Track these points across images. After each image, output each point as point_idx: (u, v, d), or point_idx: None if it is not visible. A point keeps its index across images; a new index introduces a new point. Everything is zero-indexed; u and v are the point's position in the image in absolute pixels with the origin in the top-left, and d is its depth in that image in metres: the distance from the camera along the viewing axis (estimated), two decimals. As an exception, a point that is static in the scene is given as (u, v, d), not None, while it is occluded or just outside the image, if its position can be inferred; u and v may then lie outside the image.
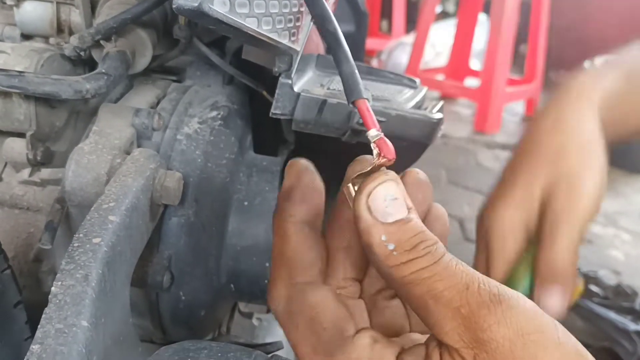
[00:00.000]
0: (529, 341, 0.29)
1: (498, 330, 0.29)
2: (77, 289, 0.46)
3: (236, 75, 0.76)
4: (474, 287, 0.30)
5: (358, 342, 0.32)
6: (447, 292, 0.30)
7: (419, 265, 0.31)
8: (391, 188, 0.33)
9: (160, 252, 0.66)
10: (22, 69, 0.63)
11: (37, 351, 0.42)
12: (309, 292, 0.34)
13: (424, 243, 0.32)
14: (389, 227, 0.32)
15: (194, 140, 0.67)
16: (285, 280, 0.35)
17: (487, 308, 0.30)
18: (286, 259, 0.36)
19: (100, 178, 0.60)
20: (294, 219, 0.36)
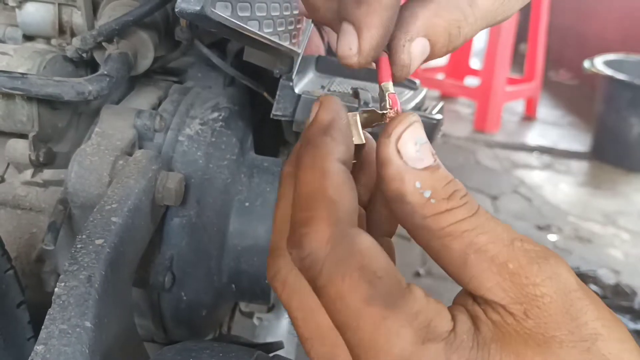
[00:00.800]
0: (576, 297, 0.28)
1: (551, 285, 0.28)
2: (81, 290, 0.47)
3: (237, 77, 0.77)
4: (518, 243, 0.29)
5: (416, 293, 0.29)
6: (491, 246, 0.29)
7: (459, 216, 0.29)
8: (420, 131, 0.31)
9: (162, 253, 0.67)
10: (24, 71, 0.64)
11: (41, 351, 0.43)
12: (358, 237, 0.29)
13: (459, 192, 0.30)
14: (422, 174, 0.30)
15: (195, 141, 0.68)
16: (328, 221, 0.29)
17: (538, 264, 0.28)
18: (327, 197, 0.30)
19: (103, 179, 0.61)
20: (335, 157, 0.31)
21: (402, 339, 0.27)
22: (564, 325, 0.28)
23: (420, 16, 0.34)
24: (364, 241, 0.29)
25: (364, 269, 0.28)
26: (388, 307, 0.28)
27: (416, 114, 0.32)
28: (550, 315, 0.28)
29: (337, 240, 0.29)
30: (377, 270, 0.28)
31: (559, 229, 2.45)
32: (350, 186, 0.31)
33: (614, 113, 3.11)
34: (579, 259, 2.20)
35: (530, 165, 3.14)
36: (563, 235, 2.41)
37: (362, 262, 0.29)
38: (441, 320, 0.28)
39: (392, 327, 0.28)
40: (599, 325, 0.28)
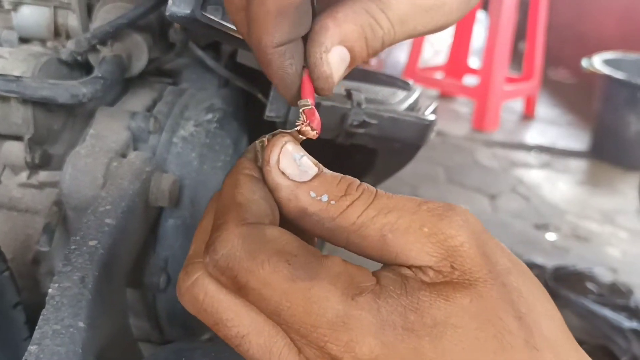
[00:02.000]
0: (487, 237, 0.31)
1: (465, 232, 0.30)
2: (74, 291, 0.47)
3: (231, 79, 0.77)
4: (424, 206, 0.31)
5: (334, 259, 0.31)
6: (402, 220, 0.31)
7: (362, 205, 0.31)
8: (296, 147, 0.33)
9: (156, 254, 0.67)
10: (19, 74, 0.64)
11: (34, 351, 0.43)
12: (267, 229, 0.31)
13: (353, 185, 0.32)
14: (312, 184, 0.32)
15: (189, 143, 0.68)
16: (236, 221, 0.31)
17: (448, 217, 0.31)
18: (236, 203, 0.32)
19: (97, 181, 0.61)
20: (246, 171, 0.34)
21: (332, 301, 0.29)
22: (484, 265, 0.30)
23: (330, 25, 0.34)
24: (274, 231, 0.31)
25: (279, 252, 0.30)
26: (311, 278, 0.29)
27: (286, 132, 0.33)
28: (472, 259, 0.30)
29: (247, 235, 0.30)
30: (292, 250, 0.30)
31: (557, 228, 2.45)
32: (260, 193, 0.33)
33: (612, 111, 3.11)
34: (577, 257, 2.21)
35: (528, 164, 3.14)
36: (561, 233, 2.41)
37: (276, 247, 0.30)
38: (362, 277, 0.30)
39: (320, 293, 0.29)
40: (506, 261, 0.31)
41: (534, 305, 0.30)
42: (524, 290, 0.30)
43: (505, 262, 0.31)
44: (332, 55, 0.35)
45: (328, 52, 0.35)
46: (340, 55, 0.35)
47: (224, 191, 0.33)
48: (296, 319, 0.29)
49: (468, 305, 0.29)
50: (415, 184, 2.66)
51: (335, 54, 0.35)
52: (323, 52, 0.35)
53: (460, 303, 0.29)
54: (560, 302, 1.76)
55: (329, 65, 0.35)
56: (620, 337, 1.61)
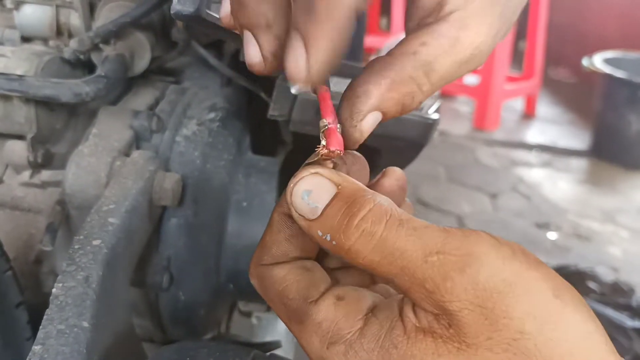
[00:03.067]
0: (499, 299, 0.28)
1: (467, 298, 0.28)
2: (78, 290, 0.47)
3: (234, 78, 0.77)
4: (433, 257, 0.29)
5: (321, 305, 0.33)
6: (406, 271, 0.30)
7: (364, 249, 0.30)
8: (304, 183, 0.32)
9: (159, 253, 0.67)
10: (22, 73, 0.64)
11: (39, 351, 0.43)
12: (275, 269, 0.35)
13: (354, 217, 0.31)
14: (319, 222, 0.32)
15: (192, 141, 0.68)
16: (255, 261, 0.36)
17: (452, 280, 0.29)
18: (262, 243, 0.36)
19: (100, 180, 0.61)
20: (281, 209, 0.35)
21: (312, 345, 0.32)
22: (482, 332, 0.28)
23: (373, 94, 0.34)
24: (280, 271, 0.35)
25: (279, 294, 0.34)
26: (300, 322, 0.33)
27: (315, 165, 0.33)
28: (470, 325, 0.29)
29: (260, 276, 0.35)
30: (289, 293, 0.34)
31: (558, 227, 2.45)
32: (286, 234, 0.35)
33: (613, 110, 3.11)
34: (578, 256, 2.21)
35: (529, 163, 3.14)
36: (562, 233, 2.42)
37: (279, 288, 0.34)
38: (346, 322, 0.32)
39: (305, 337, 0.33)
40: (528, 321, 0.28)
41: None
42: (543, 354, 0.28)
43: (523, 323, 0.28)
44: (366, 120, 0.35)
45: (364, 119, 0.35)
46: (373, 120, 0.36)
47: (267, 225, 0.37)
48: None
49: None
50: (416, 183, 2.66)
51: (370, 118, 0.35)
52: (359, 120, 0.35)
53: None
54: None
55: (361, 131, 0.35)
56: (622, 336, 1.61)
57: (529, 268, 0.29)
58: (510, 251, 0.30)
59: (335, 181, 0.32)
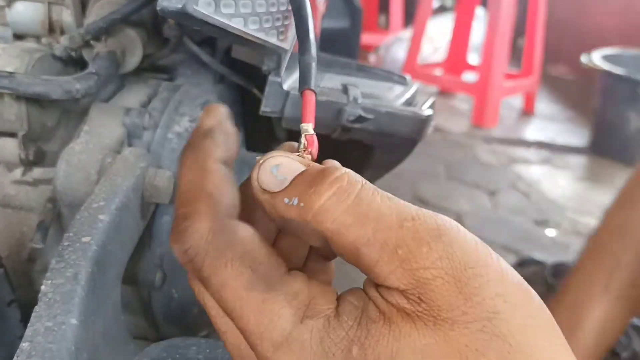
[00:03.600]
0: (472, 275, 0.27)
1: (442, 266, 0.27)
2: (67, 288, 0.47)
3: (226, 74, 0.77)
4: (408, 223, 0.28)
5: (297, 276, 0.30)
6: (379, 235, 0.28)
7: (336, 208, 0.28)
8: (272, 160, 0.30)
9: (152, 251, 0.67)
10: (13, 70, 0.64)
11: (26, 349, 0.43)
12: (238, 227, 0.30)
13: (324, 180, 0.29)
14: (286, 190, 0.29)
15: (184, 138, 0.68)
16: (208, 214, 0.30)
17: (428, 245, 0.27)
18: (207, 192, 0.31)
19: (91, 177, 0.61)
20: (215, 157, 0.32)
21: (282, 318, 0.28)
22: (457, 306, 0.27)
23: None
24: (245, 231, 0.30)
25: (245, 255, 0.29)
26: (268, 291, 0.29)
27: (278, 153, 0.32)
28: (444, 297, 0.27)
29: (218, 231, 0.29)
30: (258, 256, 0.29)
31: (557, 224, 2.45)
32: (230, 183, 0.32)
33: (612, 107, 3.10)
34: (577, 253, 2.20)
35: (528, 160, 3.13)
36: (561, 230, 2.41)
37: (243, 249, 0.29)
38: (322, 299, 0.29)
39: (273, 308, 0.29)
40: (499, 302, 0.27)
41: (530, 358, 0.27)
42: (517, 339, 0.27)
43: (495, 303, 0.27)
44: None
45: None
46: None
47: (187, 175, 0.32)
48: (246, 327, 0.29)
49: (422, 347, 0.27)
50: (414, 180, 2.66)
51: None
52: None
53: (413, 343, 0.28)
54: (560, 298, 1.75)
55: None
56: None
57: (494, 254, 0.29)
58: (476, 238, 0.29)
59: (302, 163, 0.31)
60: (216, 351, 0.48)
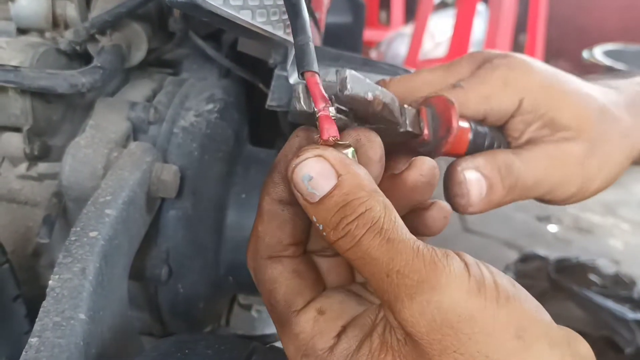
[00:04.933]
0: (451, 333, 0.29)
1: (416, 323, 0.29)
2: (75, 282, 0.47)
3: (232, 68, 0.76)
4: (392, 276, 0.30)
5: (302, 316, 0.35)
6: (373, 277, 0.31)
7: (344, 246, 0.31)
8: (305, 167, 0.32)
9: (158, 246, 0.66)
10: (17, 64, 0.63)
11: (35, 344, 0.42)
12: (268, 267, 0.36)
13: (345, 220, 0.31)
14: (315, 208, 0.32)
15: (190, 133, 0.67)
16: (252, 254, 0.37)
17: (402, 303, 0.29)
18: (255, 234, 0.37)
19: (97, 172, 0.60)
20: (269, 197, 0.36)
21: (289, 350, 0.35)
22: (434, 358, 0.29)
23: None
24: (272, 272, 0.36)
25: (269, 294, 0.36)
26: (280, 326, 0.36)
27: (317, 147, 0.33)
28: (421, 348, 0.29)
29: (255, 270, 0.37)
30: (276, 296, 0.36)
31: (559, 220, 2.45)
32: (277, 222, 0.36)
33: (614, 103, 3.10)
34: (579, 249, 2.20)
35: (530, 156, 3.13)
36: (563, 226, 2.41)
37: (268, 288, 0.36)
38: (320, 340, 0.34)
39: (284, 340, 0.36)
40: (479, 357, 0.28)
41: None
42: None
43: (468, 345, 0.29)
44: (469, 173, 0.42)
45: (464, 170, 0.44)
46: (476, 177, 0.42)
47: (257, 214, 0.38)
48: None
49: None
50: (416, 176, 2.65)
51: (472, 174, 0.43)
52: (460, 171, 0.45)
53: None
54: (563, 294, 1.75)
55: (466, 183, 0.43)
56: (624, 329, 1.60)
57: (494, 306, 0.29)
58: (476, 286, 0.29)
59: (337, 169, 0.32)
60: (225, 346, 0.48)
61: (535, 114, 0.48)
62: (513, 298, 0.29)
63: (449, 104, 0.44)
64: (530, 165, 0.48)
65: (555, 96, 0.49)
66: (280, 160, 0.37)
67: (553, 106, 0.48)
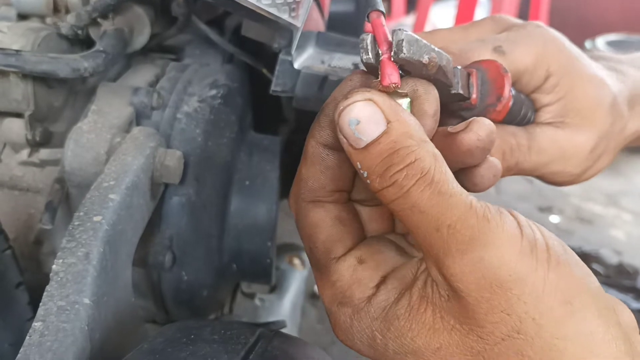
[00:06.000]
0: (500, 292, 0.28)
1: (465, 279, 0.28)
2: (79, 267, 0.46)
3: (235, 54, 0.75)
4: (442, 230, 0.29)
5: (341, 264, 0.34)
6: (419, 231, 0.30)
7: (390, 197, 0.30)
8: (353, 111, 0.31)
9: (161, 232, 0.66)
10: (18, 48, 0.62)
11: (39, 328, 0.42)
12: (310, 211, 0.35)
13: (391, 169, 0.30)
14: (359, 154, 0.31)
15: (193, 119, 0.67)
16: (295, 197, 0.36)
17: (452, 258, 0.29)
18: (299, 177, 0.36)
19: (100, 157, 0.60)
20: (315, 140, 0.35)
21: (325, 297, 0.35)
22: (477, 318, 0.28)
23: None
24: (314, 216, 0.35)
25: (309, 238, 0.36)
26: (319, 272, 0.36)
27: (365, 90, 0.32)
28: (465, 306, 0.29)
29: (298, 213, 0.37)
30: (316, 241, 0.35)
31: (561, 210, 2.44)
32: (323, 167, 0.35)
33: (616, 94, 3.09)
34: (581, 239, 2.20)
35: (531, 147, 3.13)
36: (565, 216, 2.40)
37: (309, 232, 0.36)
38: (357, 289, 0.33)
39: (320, 285, 0.35)
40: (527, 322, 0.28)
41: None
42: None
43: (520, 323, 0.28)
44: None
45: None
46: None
47: (302, 157, 0.36)
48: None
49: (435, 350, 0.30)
50: (418, 167, 2.65)
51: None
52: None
53: (428, 345, 0.30)
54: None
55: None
56: (627, 318, 1.60)
57: (545, 269, 0.29)
58: (529, 247, 0.29)
59: (387, 115, 0.31)
60: (231, 332, 0.47)
61: (555, 95, 0.48)
62: (564, 263, 0.29)
63: (502, 72, 0.43)
64: (534, 149, 0.49)
65: (576, 82, 0.48)
66: (329, 103, 0.35)
67: (572, 92, 0.48)
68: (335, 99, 0.35)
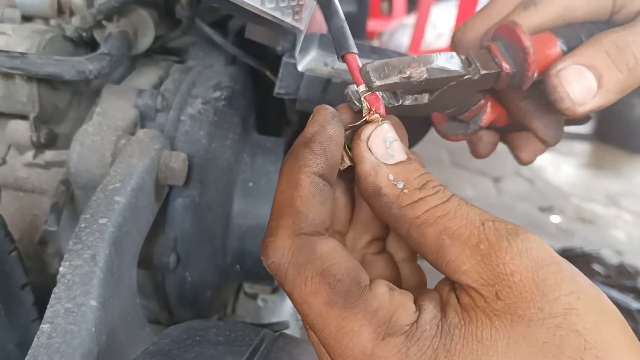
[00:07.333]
0: (549, 272, 0.29)
1: (521, 262, 0.29)
2: (85, 269, 0.46)
3: (239, 56, 0.76)
4: (489, 223, 0.30)
5: (376, 290, 0.30)
6: (463, 230, 0.30)
7: (431, 203, 0.31)
8: (390, 130, 0.34)
9: (165, 233, 0.66)
10: (24, 50, 0.63)
11: (47, 330, 0.42)
12: (319, 244, 0.31)
13: (432, 182, 0.32)
14: (395, 168, 0.33)
15: (197, 120, 0.67)
16: (291, 230, 0.31)
17: (507, 240, 0.29)
18: (294, 208, 0.32)
19: (105, 159, 0.60)
20: (310, 169, 0.33)
21: (362, 336, 0.29)
22: (534, 302, 0.28)
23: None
24: (325, 247, 0.31)
25: (324, 273, 0.30)
26: (347, 308, 0.29)
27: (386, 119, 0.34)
28: (521, 293, 0.28)
29: (298, 248, 0.31)
30: (337, 273, 0.30)
31: (562, 211, 2.45)
32: (320, 198, 0.33)
33: (617, 94, 3.09)
34: (582, 239, 2.20)
35: (532, 147, 3.13)
36: (565, 216, 2.41)
37: (322, 266, 0.30)
38: (403, 313, 0.30)
39: (353, 326, 0.29)
40: (573, 299, 0.28)
41: (606, 354, 0.27)
42: (592, 335, 0.28)
43: (570, 299, 0.28)
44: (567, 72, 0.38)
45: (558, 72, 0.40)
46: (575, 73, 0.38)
47: (282, 186, 0.33)
48: (327, 341, 0.30)
49: (504, 348, 0.28)
50: (419, 167, 2.65)
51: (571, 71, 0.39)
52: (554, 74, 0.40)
53: (495, 346, 0.28)
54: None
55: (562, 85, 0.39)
56: (628, 318, 1.60)
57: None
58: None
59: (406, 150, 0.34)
60: (235, 333, 0.47)
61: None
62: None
63: (511, 26, 0.41)
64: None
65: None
66: (317, 132, 0.34)
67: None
68: (323, 127, 0.34)
